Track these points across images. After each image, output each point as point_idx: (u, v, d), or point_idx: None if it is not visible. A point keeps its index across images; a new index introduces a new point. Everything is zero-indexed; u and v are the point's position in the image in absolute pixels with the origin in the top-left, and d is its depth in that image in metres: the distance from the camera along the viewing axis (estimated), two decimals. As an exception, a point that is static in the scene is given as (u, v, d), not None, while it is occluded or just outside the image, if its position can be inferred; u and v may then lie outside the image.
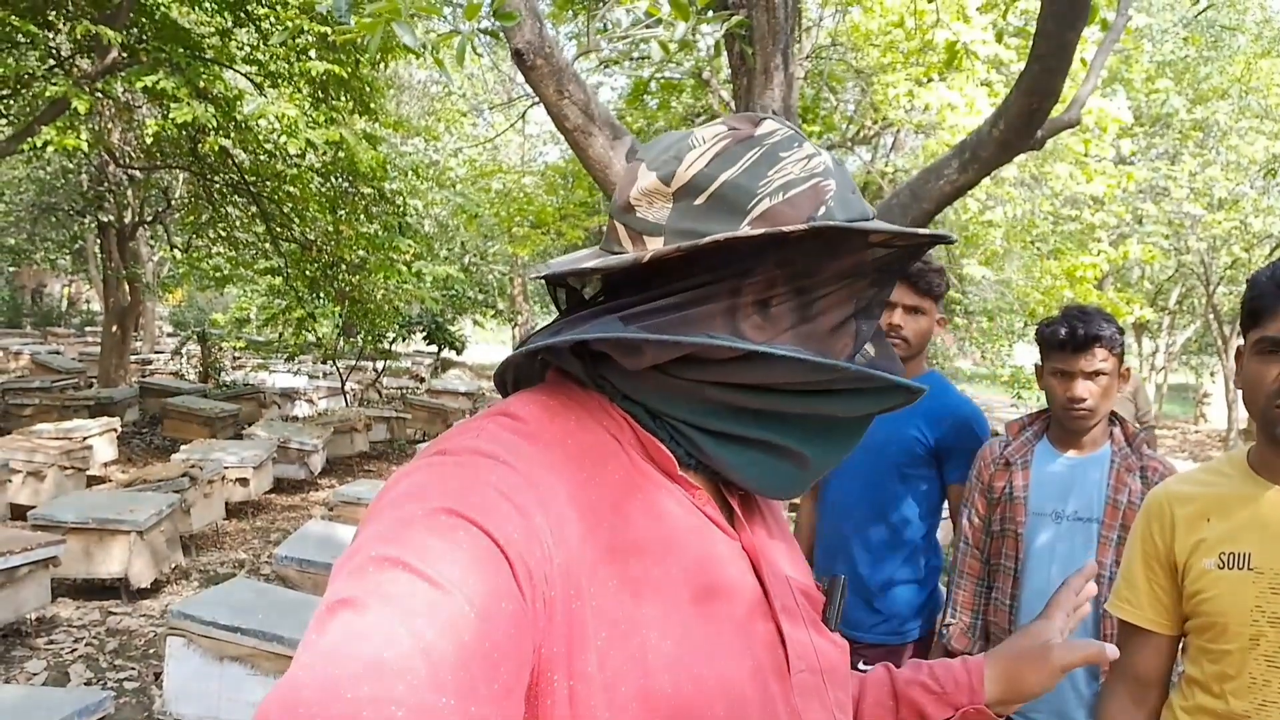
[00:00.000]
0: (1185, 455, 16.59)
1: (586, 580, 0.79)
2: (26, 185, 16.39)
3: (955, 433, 2.93)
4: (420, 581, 0.69)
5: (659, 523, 0.88)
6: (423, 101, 22.30)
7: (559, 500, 0.82)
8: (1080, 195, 10.88)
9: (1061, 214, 12.45)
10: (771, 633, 0.91)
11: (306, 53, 9.13)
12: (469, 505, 0.75)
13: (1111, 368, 2.59)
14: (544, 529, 0.78)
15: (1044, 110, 3.56)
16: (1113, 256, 11.65)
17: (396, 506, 0.77)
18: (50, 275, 29.35)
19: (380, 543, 0.73)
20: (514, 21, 3.16)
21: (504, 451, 0.83)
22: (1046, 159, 10.03)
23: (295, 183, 10.30)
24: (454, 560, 0.71)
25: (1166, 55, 15.35)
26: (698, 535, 0.90)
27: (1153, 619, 1.83)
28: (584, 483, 0.85)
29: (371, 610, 0.67)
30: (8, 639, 5.45)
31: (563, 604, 0.77)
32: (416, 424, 13.51)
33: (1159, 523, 1.82)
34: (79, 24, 7.82)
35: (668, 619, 0.82)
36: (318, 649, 0.65)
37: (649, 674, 0.79)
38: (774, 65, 4.07)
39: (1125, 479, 2.58)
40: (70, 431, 8.87)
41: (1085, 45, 5.70)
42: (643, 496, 0.89)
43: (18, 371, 16.46)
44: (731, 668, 0.84)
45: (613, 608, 0.80)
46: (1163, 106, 12.73)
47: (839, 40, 10.13)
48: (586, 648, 0.77)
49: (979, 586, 2.82)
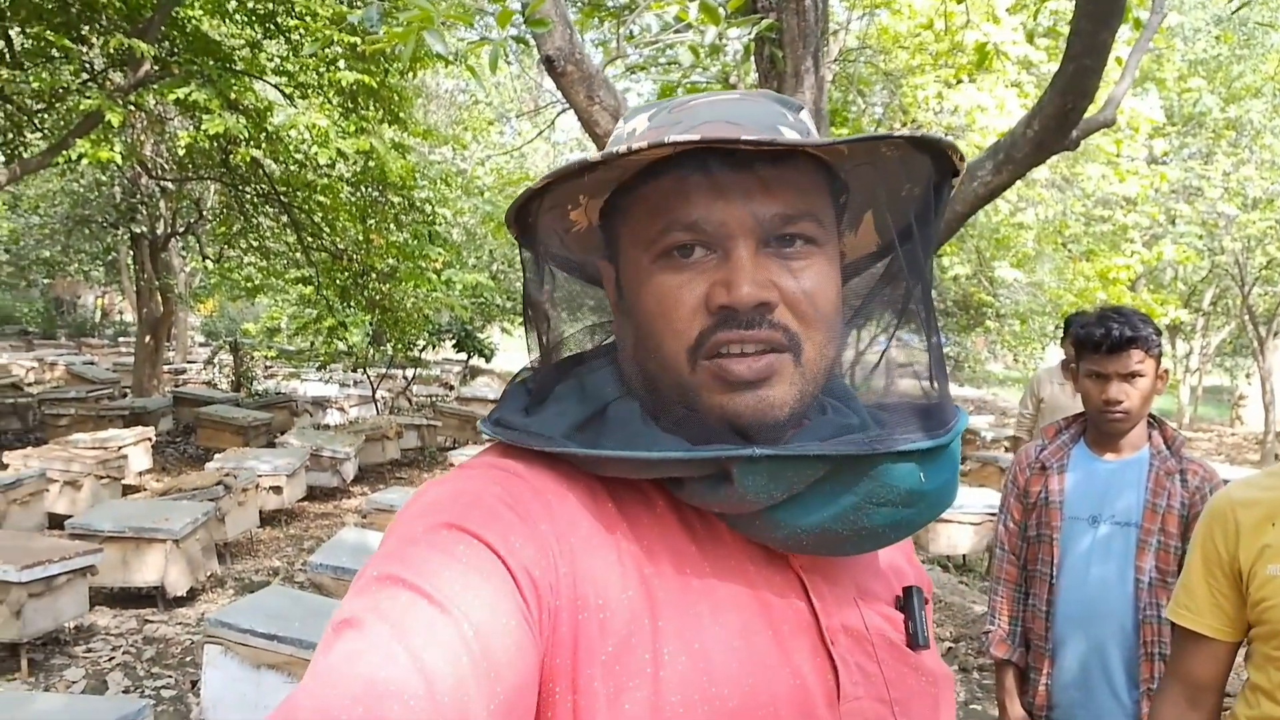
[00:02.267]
0: (1221, 458, 16.38)
1: (594, 591, 0.77)
2: (61, 198, 16.59)
3: None
4: (420, 599, 0.68)
5: (678, 535, 0.84)
6: (450, 110, 22.41)
7: (568, 508, 0.80)
8: (1113, 196, 10.79)
9: (1094, 215, 12.34)
10: (822, 657, 0.84)
11: (336, 63, 9.19)
12: (471, 519, 0.75)
13: (1149, 370, 2.55)
14: (550, 538, 0.77)
15: (1079, 110, 3.53)
16: (1146, 257, 11.55)
17: (404, 524, 0.77)
18: (84, 287, 29.71)
19: (384, 561, 0.73)
20: (546, 28, 3.17)
21: (516, 464, 0.83)
22: (1078, 160, 9.95)
23: (326, 192, 10.37)
24: (454, 576, 0.70)
25: (1199, 54, 15.19)
26: (726, 550, 0.85)
27: (1212, 625, 1.79)
28: (598, 493, 0.83)
29: (370, 629, 0.67)
30: (47, 647, 5.50)
31: (568, 615, 0.75)
32: (447, 431, 13.55)
33: (1221, 528, 1.78)
34: (112, 38, 7.90)
35: (684, 635, 0.78)
36: (318, 670, 0.65)
37: (659, 691, 0.75)
38: (804, 68, 4.05)
39: (1164, 483, 2.54)
40: (105, 441, 8.96)
41: (1116, 45, 5.65)
42: (661, 506, 0.86)
43: (53, 382, 16.68)
44: (761, 690, 0.79)
45: (621, 620, 0.77)
46: (1195, 106, 12.58)
47: (867, 43, 10.09)
48: (591, 660, 0.75)
49: (1016, 593, 2.79)
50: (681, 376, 0.82)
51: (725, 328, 0.80)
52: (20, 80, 8.15)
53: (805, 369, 0.82)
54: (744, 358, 0.80)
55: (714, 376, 0.81)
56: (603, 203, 0.91)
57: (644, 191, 0.84)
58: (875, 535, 0.83)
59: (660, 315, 0.82)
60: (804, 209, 0.82)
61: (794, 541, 0.82)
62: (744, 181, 0.80)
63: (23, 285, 25.61)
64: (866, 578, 0.93)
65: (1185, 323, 18.15)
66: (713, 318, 0.80)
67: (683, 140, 0.75)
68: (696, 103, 0.89)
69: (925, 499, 0.82)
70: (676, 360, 0.82)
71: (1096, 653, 2.55)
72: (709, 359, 0.81)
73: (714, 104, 0.88)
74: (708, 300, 0.80)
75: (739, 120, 0.85)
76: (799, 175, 0.82)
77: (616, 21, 5.37)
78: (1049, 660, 2.64)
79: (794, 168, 0.82)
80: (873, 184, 0.90)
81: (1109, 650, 2.53)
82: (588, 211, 0.93)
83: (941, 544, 7.46)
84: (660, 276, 0.82)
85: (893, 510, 0.81)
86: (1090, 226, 12.55)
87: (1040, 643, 2.66)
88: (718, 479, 0.80)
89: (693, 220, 0.80)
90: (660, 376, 0.84)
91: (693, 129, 0.84)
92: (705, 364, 0.81)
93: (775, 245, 0.82)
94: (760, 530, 0.83)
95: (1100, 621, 2.54)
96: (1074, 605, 2.61)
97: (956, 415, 0.86)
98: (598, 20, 7.54)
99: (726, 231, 0.80)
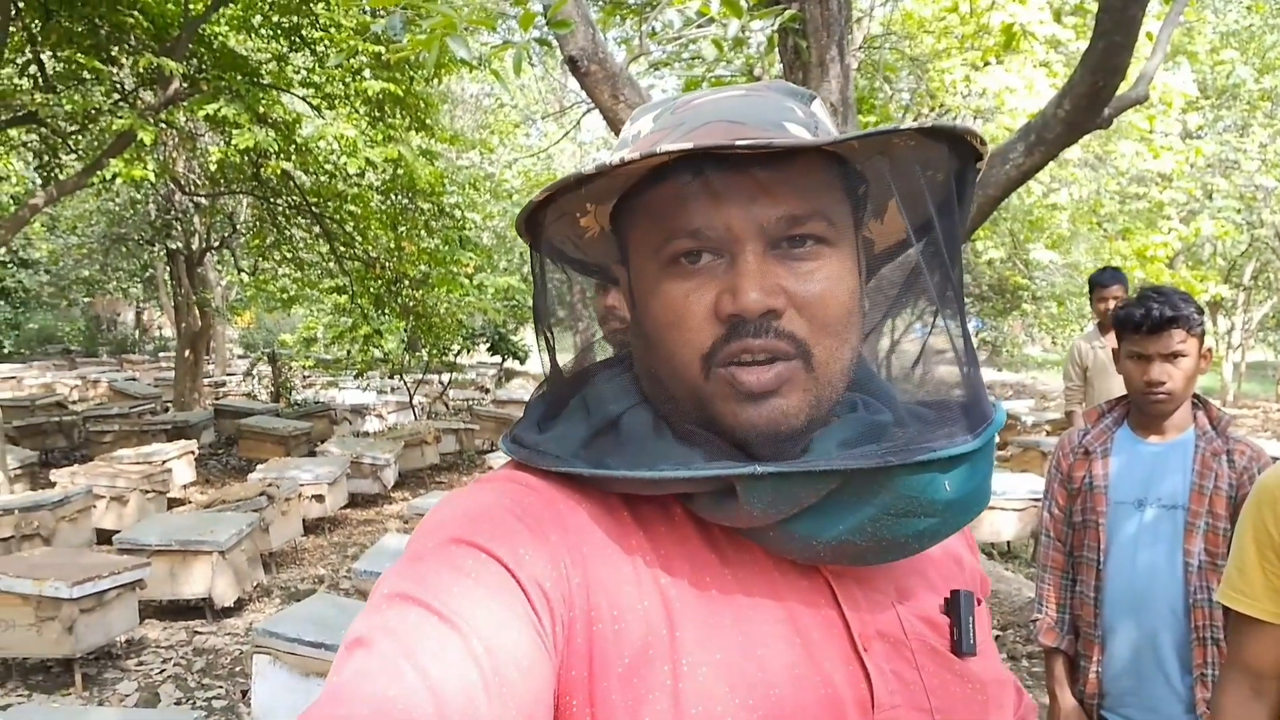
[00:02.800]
0: (1268, 435, 16.12)
1: (608, 602, 0.76)
2: (97, 218, 16.82)
3: None
4: (429, 616, 0.68)
5: (696, 543, 0.83)
6: (476, 115, 22.50)
7: (580, 519, 0.79)
8: (1147, 173, 10.65)
9: (1129, 193, 12.18)
10: (854, 664, 0.81)
11: (361, 73, 9.26)
12: (479, 533, 0.74)
13: (1192, 349, 2.51)
14: (561, 549, 0.76)
15: (1110, 87, 3.49)
16: (1184, 234, 11.38)
17: (416, 541, 0.77)
18: (123, 304, 30.11)
19: (395, 578, 0.73)
20: (568, 29, 3.17)
21: (529, 476, 0.83)
22: (1111, 138, 9.84)
23: (356, 201, 10.46)
24: (462, 592, 0.70)
25: (1230, 25, 14.95)
26: (749, 556, 0.83)
27: (1270, 610, 1.74)
28: (612, 504, 0.82)
29: (379, 648, 0.67)
30: (100, 662, 5.58)
31: (582, 626, 0.74)
32: (484, 434, 13.61)
33: (1272, 509, 1.73)
34: (141, 57, 8.01)
35: (705, 646, 0.76)
36: (329, 689, 0.65)
37: (679, 703, 0.73)
38: (829, 58, 4.02)
39: (1211, 464, 2.50)
40: (150, 456, 9.08)
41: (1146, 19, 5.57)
42: (679, 514, 0.84)
43: (97, 399, 16.92)
44: (788, 700, 0.76)
45: (638, 632, 0.75)
46: (1229, 78, 12.40)
47: (892, 29, 10.02)
48: (608, 673, 0.74)
49: (1064, 580, 2.75)
50: (695, 385, 0.80)
51: (735, 337, 0.78)
52: (54, 103, 8.27)
53: (818, 374, 0.80)
54: (754, 367, 0.78)
55: (727, 385, 0.79)
56: (611, 208, 0.90)
57: (648, 198, 0.82)
58: (898, 546, 0.80)
59: (671, 324, 0.80)
60: (812, 208, 0.79)
61: (811, 554, 0.80)
62: (744, 185, 0.78)
63: (64, 305, 26.00)
64: (907, 580, 0.89)
65: (1226, 298, 17.89)
66: (724, 326, 0.78)
67: (675, 150, 0.73)
68: (700, 101, 0.86)
69: (951, 507, 0.79)
70: (690, 369, 0.80)
71: (1147, 639, 2.51)
72: (723, 367, 0.79)
73: (718, 102, 0.86)
74: (716, 308, 0.78)
75: (742, 119, 0.82)
76: (806, 173, 0.79)
77: (638, 19, 5.36)
78: (1099, 647, 2.61)
79: (800, 166, 0.79)
80: (891, 176, 0.86)
81: (1160, 636, 2.50)
82: (597, 217, 0.92)
83: (985, 531, 7.40)
84: (668, 284, 0.81)
85: (915, 520, 0.78)
86: (1125, 205, 12.40)
87: (1089, 630, 2.63)
88: (725, 494, 0.78)
89: (695, 228, 0.78)
90: (673, 384, 0.83)
91: (694, 130, 0.81)
92: (719, 372, 0.79)
93: (785, 247, 0.79)
94: (775, 543, 0.81)
95: (1150, 607, 2.51)
96: (1123, 591, 2.57)
97: (988, 416, 0.81)
98: (619, 19, 7.54)
99: (731, 237, 0.78)
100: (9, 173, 13.67)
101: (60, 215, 17.81)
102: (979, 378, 0.84)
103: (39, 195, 9.13)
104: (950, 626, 0.88)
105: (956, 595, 0.89)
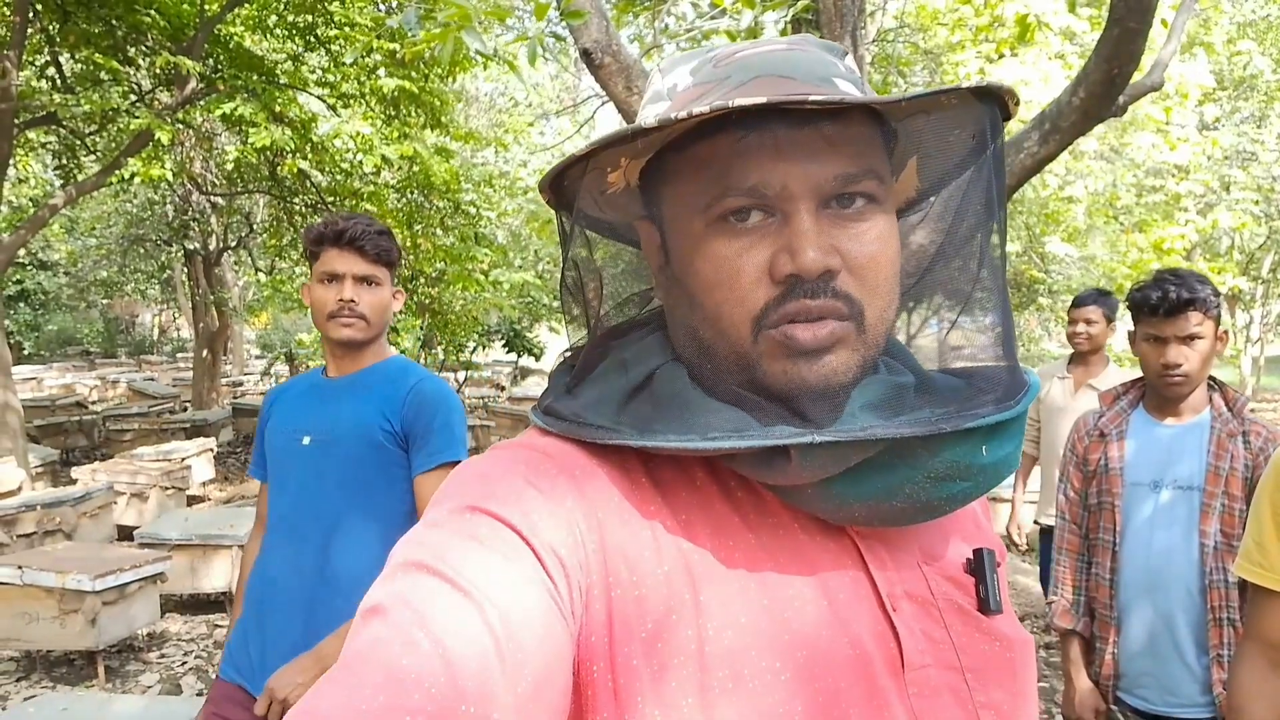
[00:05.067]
0: (1288, 428, 15.99)
1: (627, 568, 0.75)
2: (115, 219, 16.94)
3: (417, 414, 2.45)
4: (442, 584, 0.68)
5: (719, 505, 0.82)
6: (490, 114, 22.54)
7: (597, 484, 0.79)
8: (1164, 165, 10.59)
9: (1145, 185, 12.12)
10: (883, 625, 0.80)
11: (376, 71, 9.31)
12: (493, 500, 0.74)
13: (1208, 331, 2.51)
14: (577, 514, 0.76)
15: (1125, 75, 3.47)
16: (1201, 226, 11.32)
17: (432, 509, 0.77)
18: (141, 305, 30.28)
19: (409, 547, 0.73)
20: (582, 20, 3.19)
21: (546, 442, 0.83)
22: (1127, 129, 9.79)
23: (372, 199, 10.51)
24: (476, 559, 0.70)
25: (1247, 15, 14.85)
26: (773, 519, 0.82)
27: None
28: (631, 467, 0.82)
29: (394, 616, 0.67)
30: (122, 654, 5.64)
31: (600, 592, 0.74)
32: (500, 431, 13.62)
33: None
34: (158, 58, 8.07)
35: (728, 609, 0.75)
36: (344, 658, 0.66)
37: (705, 667, 0.73)
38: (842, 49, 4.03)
39: (1227, 445, 2.50)
40: (169, 453, 9.14)
41: (1160, 8, 5.55)
42: (702, 476, 0.83)
43: (116, 399, 17.06)
44: (817, 661, 0.76)
45: (660, 597, 0.75)
46: (1246, 69, 12.33)
47: (905, 21, 9.99)
48: (630, 638, 0.73)
49: (1079, 562, 2.76)
50: (743, 345, 0.79)
51: (792, 297, 0.76)
52: (72, 104, 8.34)
53: (867, 335, 0.79)
54: (809, 324, 0.76)
55: (778, 344, 0.77)
56: (643, 163, 0.87)
57: (695, 152, 0.79)
58: (931, 507, 0.80)
59: (720, 283, 0.78)
60: (865, 166, 0.78)
61: (845, 512, 0.80)
62: (807, 141, 0.76)
63: (82, 307, 26.18)
64: (932, 541, 0.89)
65: (1245, 291, 17.76)
66: (778, 286, 0.77)
67: (751, 104, 0.70)
68: (743, 54, 0.83)
69: (985, 471, 0.79)
70: (738, 329, 0.79)
71: (1163, 620, 2.52)
72: (774, 328, 0.77)
73: (763, 54, 0.83)
74: (771, 268, 0.77)
75: (792, 73, 0.80)
76: (858, 130, 0.78)
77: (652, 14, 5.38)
78: (1115, 629, 2.61)
79: (854, 123, 0.78)
80: (935, 136, 0.86)
81: (1176, 617, 2.50)
82: (627, 173, 0.89)
83: (1002, 522, 7.37)
84: (717, 242, 0.78)
85: (951, 484, 0.78)
86: (1142, 197, 12.33)
87: (1105, 612, 2.64)
88: (773, 454, 0.77)
89: (751, 184, 0.76)
90: (717, 344, 0.80)
91: (744, 85, 0.79)
92: (770, 333, 0.77)
93: (834, 206, 0.78)
94: (811, 501, 0.80)
95: (1166, 588, 2.51)
96: (1139, 572, 2.57)
97: (1025, 383, 0.82)
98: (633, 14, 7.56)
99: (788, 194, 0.76)
100: (28, 175, 13.80)
101: (79, 217, 17.95)
102: (1015, 346, 0.85)
103: (58, 196, 9.22)
104: (975, 585, 0.88)
105: (980, 554, 0.89)
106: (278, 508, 2.46)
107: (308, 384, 2.57)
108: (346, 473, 2.40)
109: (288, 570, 2.39)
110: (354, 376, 2.49)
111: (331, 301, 2.40)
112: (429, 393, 2.47)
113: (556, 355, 0.95)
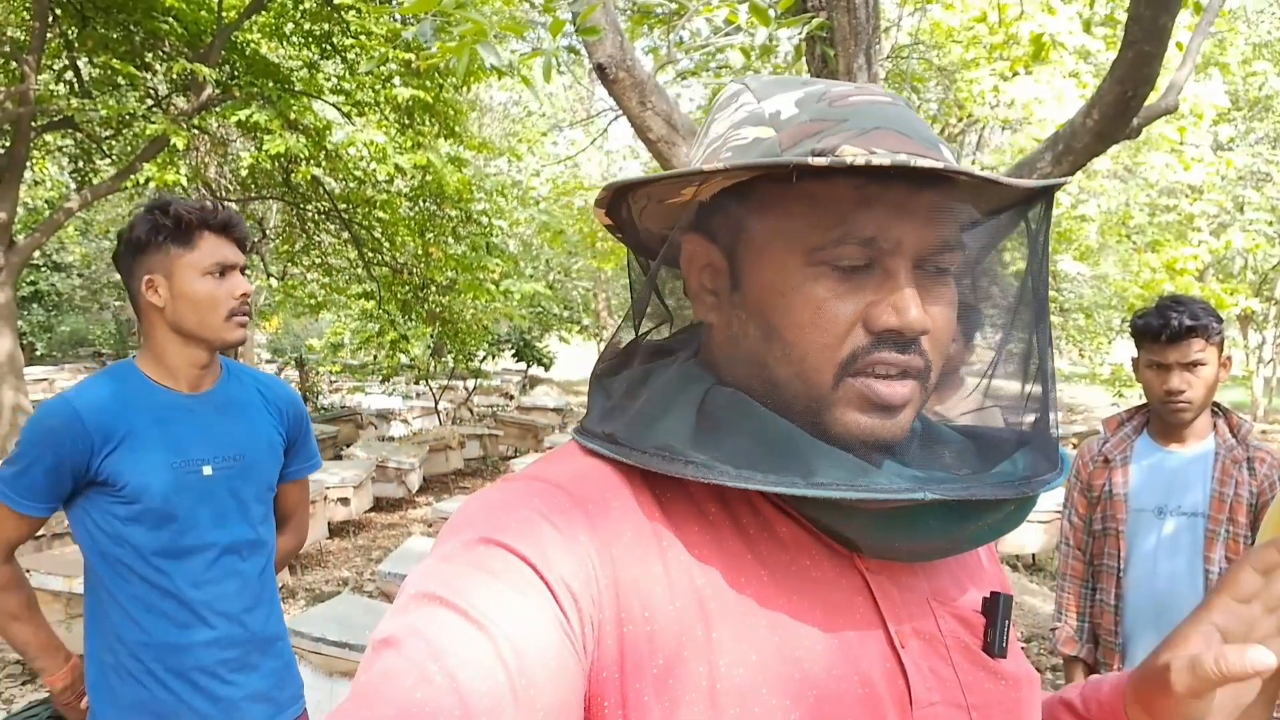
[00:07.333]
0: (1300, 450, 15.90)
1: (639, 603, 0.75)
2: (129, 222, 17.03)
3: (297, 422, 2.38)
4: (456, 617, 0.68)
5: (731, 541, 0.81)
6: (503, 123, 22.63)
7: (611, 519, 0.78)
8: (1177, 185, 10.57)
9: (1158, 205, 12.09)
10: (891, 661, 0.81)
11: (391, 80, 9.34)
12: (506, 533, 0.74)
13: (1211, 358, 2.51)
14: (590, 549, 0.75)
15: (1139, 97, 3.47)
16: (1214, 247, 11.28)
17: (444, 540, 0.77)
18: (154, 308, 30.34)
19: (422, 578, 0.73)
20: (597, 36, 3.20)
21: (558, 473, 0.82)
22: (1140, 149, 9.77)
23: (385, 208, 10.54)
24: (490, 593, 0.70)
25: (1263, 36, 14.83)
26: (786, 555, 0.82)
27: None
28: (644, 501, 0.81)
29: (407, 648, 0.67)
30: (127, 658, 5.64)
31: (612, 627, 0.74)
32: (508, 440, 13.65)
33: None
34: (175, 64, 8.12)
35: (740, 646, 0.75)
36: (356, 689, 0.66)
37: (716, 705, 0.72)
38: (856, 66, 4.03)
39: (1232, 471, 2.50)
40: (178, 457, 9.14)
41: (1176, 29, 5.55)
42: (714, 511, 0.83)
43: (127, 401, 17.03)
44: (827, 700, 0.76)
45: (671, 633, 0.74)
46: (1261, 89, 12.29)
47: (920, 39, 10.00)
48: (641, 674, 0.73)
49: (1084, 588, 2.75)
50: (821, 389, 0.79)
51: (883, 349, 0.78)
52: (89, 108, 8.40)
53: (926, 395, 0.82)
54: (890, 380, 0.78)
55: (858, 394, 0.78)
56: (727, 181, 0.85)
57: (808, 189, 0.78)
58: (955, 546, 0.84)
59: (815, 325, 0.78)
60: (958, 235, 0.81)
61: (890, 553, 0.82)
62: (926, 204, 0.78)
63: (95, 309, 26.29)
64: (940, 578, 0.90)
65: (1257, 312, 17.69)
66: (870, 337, 0.78)
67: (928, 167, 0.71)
68: (856, 99, 0.83)
69: (1011, 518, 0.83)
70: (821, 373, 0.79)
71: (1169, 647, 2.50)
72: (854, 377, 0.78)
73: (877, 105, 0.83)
74: (868, 319, 0.78)
75: (908, 132, 0.80)
76: (958, 199, 0.81)
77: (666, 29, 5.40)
78: (1119, 656, 2.60)
79: (957, 193, 0.80)
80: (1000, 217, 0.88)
81: (1182, 645, 2.48)
82: (701, 190, 0.85)
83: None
84: (821, 284, 0.78)
85: (980, 529, 0.82)
86: (1155, 216, 12.30)
87: (1110, 638, 2.63)
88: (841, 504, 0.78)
89: (870, 235, 0.77)
90: (791, 383, 0.80)
91: (867, 133, 0.79)
92: (851, 381, 0.78)
93: (920, 270, 0.80)
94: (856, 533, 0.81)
95: (1171, 615, 2.50)
96: (1143, 599, 2.57)
97: (1060, 452, 0.85)
98: (648, 29, 7.59)
99: (898, 251, 0.78)
100: (44, 177, 13.88)
101: (93, 219, 18.04)
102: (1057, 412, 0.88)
103: (73, 199, 9.28)
104: (985, 627, 0.89)
105: (997, 597, 0.90)
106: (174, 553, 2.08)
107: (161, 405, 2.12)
108: (263, 494, 2.23)
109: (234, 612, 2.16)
110: (223, 389, 2.21)
111: (229, 298, 2.08)
112: (297, 398, 2.38)
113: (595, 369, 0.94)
